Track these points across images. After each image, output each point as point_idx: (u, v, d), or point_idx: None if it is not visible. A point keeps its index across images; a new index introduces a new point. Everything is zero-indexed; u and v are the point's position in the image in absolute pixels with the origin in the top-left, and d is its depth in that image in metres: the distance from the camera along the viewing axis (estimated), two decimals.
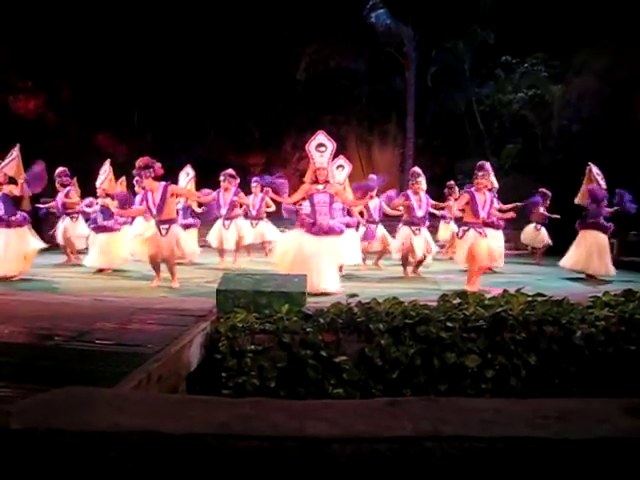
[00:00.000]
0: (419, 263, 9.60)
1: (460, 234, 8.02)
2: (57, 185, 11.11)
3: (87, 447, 1.55)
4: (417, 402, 1.88)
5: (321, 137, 7.67)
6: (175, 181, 10.39)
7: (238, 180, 10.73)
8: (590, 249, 9.55)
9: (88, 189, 10.96)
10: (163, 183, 7.91)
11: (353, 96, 23.05)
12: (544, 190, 12.37)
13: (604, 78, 17.10)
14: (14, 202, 8.55)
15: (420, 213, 9.41)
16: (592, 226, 9.68)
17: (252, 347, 4.78)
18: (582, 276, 9.63)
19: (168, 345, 4.06)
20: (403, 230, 9.51)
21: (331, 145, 7.61)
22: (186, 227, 9.97)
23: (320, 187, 7.57)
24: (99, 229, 9.71)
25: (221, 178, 10.47)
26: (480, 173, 7.99)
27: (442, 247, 12.11)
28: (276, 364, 4.76)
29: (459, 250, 8.00)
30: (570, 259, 9.78)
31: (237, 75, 21.33)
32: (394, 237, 9.82)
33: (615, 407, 1.80)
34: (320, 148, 7.59)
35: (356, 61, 21.82)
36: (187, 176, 11.25)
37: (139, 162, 7.90)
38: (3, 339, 4.15)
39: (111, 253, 9.59)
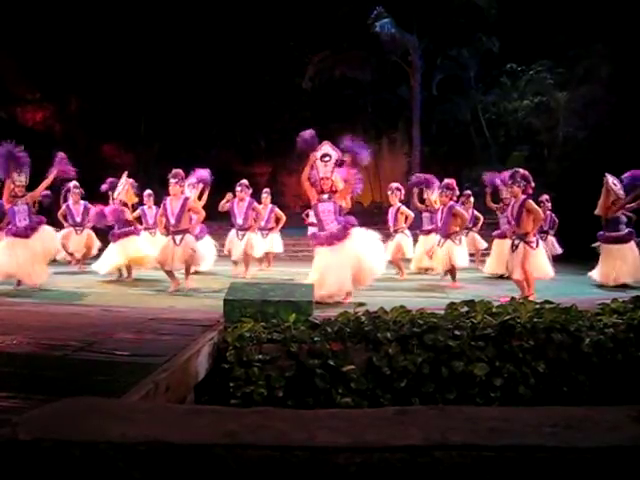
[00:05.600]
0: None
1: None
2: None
3: (95, 458, 1.55)
4: (426, 411, 1.88)
5: (326, 147, 7.68)
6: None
7: (251, 190, 10.95)
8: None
9: (94, 198, 11.03)
10: (184, 195, 8.74)
11: (359, 105, 23.12)
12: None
13: (610, 85, 17.09)
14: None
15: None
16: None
17: (260, 357, 4.77)
18: (592, 283, 9.57)
19: (176, 355, 4.05)
20: None
21: (335, 154, 7.62)
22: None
23: (325, 197, 7.59)
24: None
25: (237, 188, 10.69)
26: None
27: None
28: (284, 373, 4.75)
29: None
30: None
31: (243, 85, 21.43)
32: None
33: (625, 415, 1.78)
34: (324, 158, 7.60)
35: (361, 70, 21.88)
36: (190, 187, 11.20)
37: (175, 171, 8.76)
38: (10, 349, 4.16)
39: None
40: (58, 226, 11.53)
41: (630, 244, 9.51)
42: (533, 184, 8.08)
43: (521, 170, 8.08)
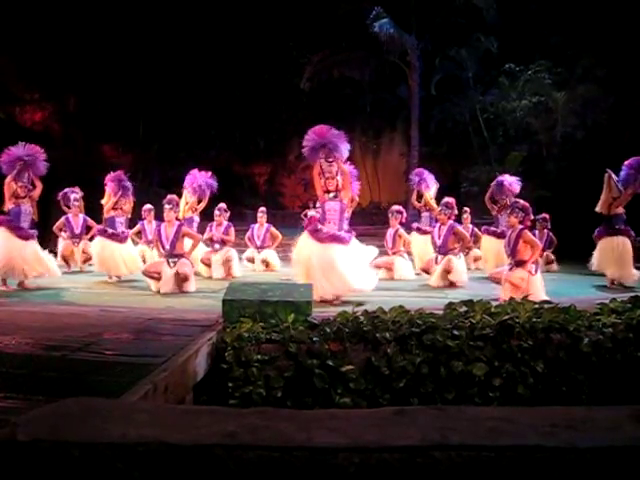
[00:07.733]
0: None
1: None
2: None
3: (94, 458, 1.55)
4: (424, 411, 1.87)
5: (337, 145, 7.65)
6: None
7: (229, 213, 11.17)
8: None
9: (92, 199, 11.03)
10: (177, 222, 8.80)
11: (357, 105, 23.15)
12: None
13: (608, 85, 17.11)
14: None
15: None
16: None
17: (258, 357, 4.77)
18: (590, 282, 9.58)
19: (174, 355, 4.05)
20: None
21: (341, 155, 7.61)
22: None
23: (331, 195, 7.58)
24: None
25: (216, 212, 10.80)
26: None
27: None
28: (283, 374, 4.74)
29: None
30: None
31: (242, 85, 21.44)
32: None
33: (624, 415, 1.78)
34: (329, 158, 7.58)
35: (360, 70, 21.91)
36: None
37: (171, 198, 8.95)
38: (9, 350, 4.15)
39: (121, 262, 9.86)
40: (52, 238, 11.56)
41: (627, 240, 9.50)
42: (532, 216, 7.97)
43: (521, 201, 7.96)
